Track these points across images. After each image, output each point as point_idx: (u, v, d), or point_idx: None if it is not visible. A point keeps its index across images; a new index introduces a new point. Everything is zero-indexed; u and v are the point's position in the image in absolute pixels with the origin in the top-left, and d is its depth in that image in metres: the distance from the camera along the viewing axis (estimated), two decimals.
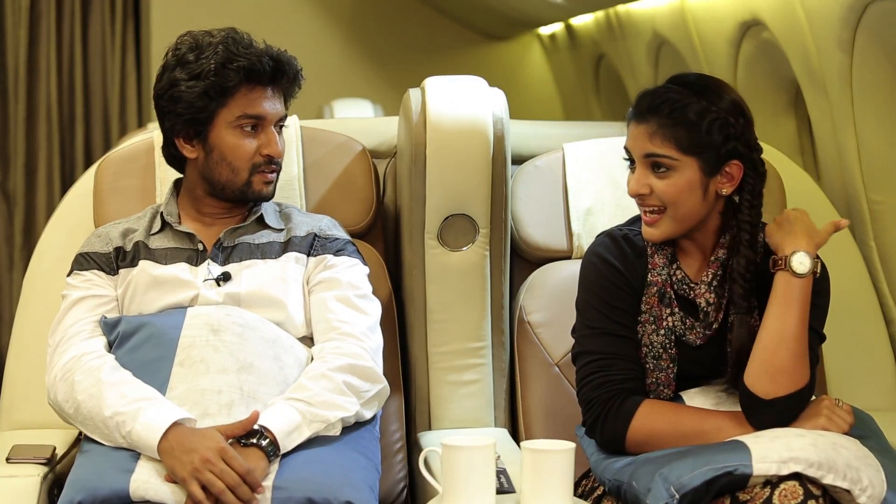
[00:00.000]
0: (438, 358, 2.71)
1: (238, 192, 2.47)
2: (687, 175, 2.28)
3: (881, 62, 2.76)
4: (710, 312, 2.32)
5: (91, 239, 2.52)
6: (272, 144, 2.45)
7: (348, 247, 2.52)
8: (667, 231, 2.32)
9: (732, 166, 2.29)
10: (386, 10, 6.75)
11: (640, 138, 2.30)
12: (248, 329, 2.38)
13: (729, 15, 3.47)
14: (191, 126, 2.44)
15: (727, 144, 2.27)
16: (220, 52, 2.40)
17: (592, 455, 2.34)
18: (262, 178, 2.46)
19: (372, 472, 2.34)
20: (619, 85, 5.24)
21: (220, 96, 2.41)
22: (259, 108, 2.44)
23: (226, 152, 2.44)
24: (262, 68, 2.42)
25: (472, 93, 2.68)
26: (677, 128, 2.27)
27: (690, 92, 2.29)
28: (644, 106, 2.30)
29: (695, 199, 2.29)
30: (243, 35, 2.46)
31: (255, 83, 2.43)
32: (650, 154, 2.29)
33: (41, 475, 2.40)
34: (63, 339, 2.40)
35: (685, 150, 2.27)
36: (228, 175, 2.45)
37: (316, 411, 2.30)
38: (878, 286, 2.91)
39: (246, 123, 2.44)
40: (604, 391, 2.30)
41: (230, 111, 2.42)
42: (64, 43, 6.39)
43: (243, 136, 2.44)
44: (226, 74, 2.40)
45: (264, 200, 2.50)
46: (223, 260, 2.47)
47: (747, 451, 2.10)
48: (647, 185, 2.30)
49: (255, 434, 2.25)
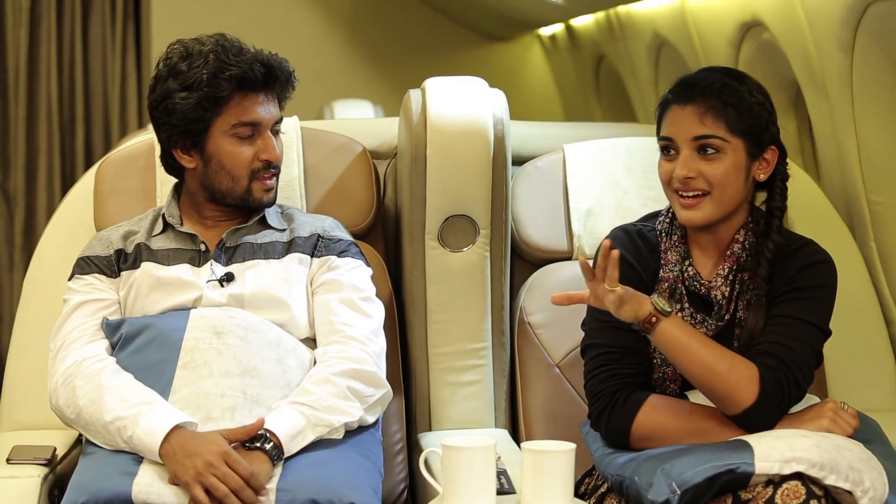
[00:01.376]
0: (439, 359, 2.71)
1: (239, 200, 2.47)
2: (734, 158, 2.31)
3: (881, 63, 2.77)
4: (723, 305, 2.33)
5: (92, 242, 2.52)
6: (269, 149, 2.45)
7: (352, 248, 2.52)
8: (709, 214, 2.32)
9: (770, 152, 2.34)
10: (386, 11, 6.74)
11: (688, 121, 2.31)
12: (251, 332, 2.38)
13: (729, 16, 3.47)
14: (187, 137, 2.44)
15: (770, 128, 2.32)
16: (212, 60, 2.40)
17: (597, 450, 2.34)
18: (261, 185, 2.46)
19: (374, 475, 2.34)
20: (620, 86, 5.23)
21: (213, 106, 2.41)
22: (254, 114, 2.43)
23: (224, 161, 2.44)
24: (254, 75, 2.41)
25: (473, 94, 2.68)
26: (728, 108, 2.29)
27: (731, 77, 2.33)
28: (689, 90, 2.32)
29: (739, 182, 2.32)
30: (233, 41, 2.45)
31: (247, 90, 2.42)
32: (700, 136, 2.30)
33: (41, 476, 2.39)
34: (64, 343, 2.40)
35: (734, 132, 2.29)
36: (228, 183, 2.45)
37: (320, 415, 2.30)
38: (878, 287, 2.91)
39: (242, 132, 2.43)
40: (611, 384, 2.31)
41: (225, 120, 2.42)
42: (64, 44, 6.39)
43: (240, 144, 2.44)
44: (218, 84, 2.39)
45: (266, 207, 2.50)
46: (226, 260, 2.47)
47: (750, 450, 2.10)
48: (696, 170, 2.31)
49: (259, 438, 2.25)
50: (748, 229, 2.36)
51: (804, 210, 2.89)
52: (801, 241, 2.38)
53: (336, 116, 5.39)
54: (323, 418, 2.30)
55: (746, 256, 2.34)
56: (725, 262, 2.35)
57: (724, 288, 2.34)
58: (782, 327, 2.28)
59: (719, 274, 2.35)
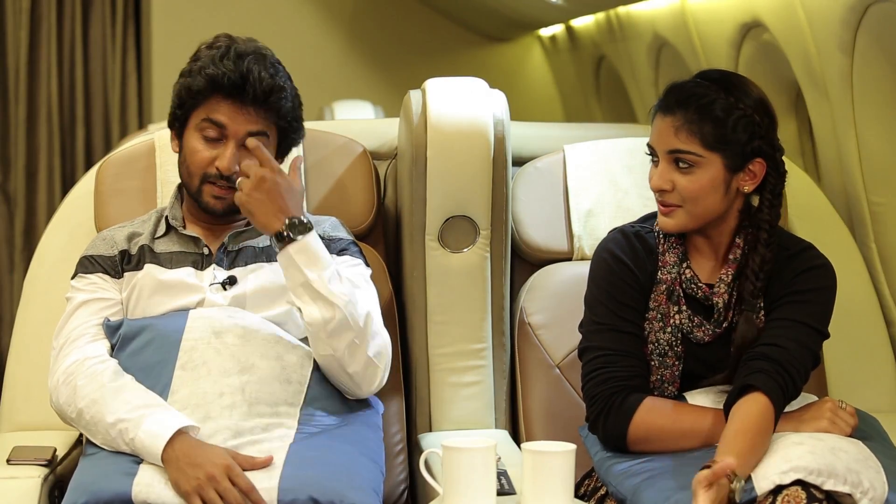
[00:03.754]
0: (439, 359, 2.71)
1: (195, 200, 2.47)
2: (710, 172, 2.28)
3: (882, 64, 2.77)
4: (722, 312, 2.33)
5: (96, 242, 2.52)
6: (223, 158, 2.41)
7: (351, 247, 2.52)
8: (681, 223, 2.32)
9: (756, 164, 2.30)
10: (386, 12, 6.74)
11: (665, 133, 2.30)
12: (250, 331, 2.38)
13: (729, 16, 3.47)
14: (175, 120, 2.48)
15: (752, 142, 2.28)
16: (208, 56, 2.43)
17: (596, 454, 2.34)
18: (211, 190, 2.44)
19: (376, 475, 2.34)
20: (620, 86, 5.23)
21: (190, 97, 2.43)
22: (219, 115, 2.42)
23: (186, 154, 2.46)
24: (223, 80, 2.40)
25: (473, 94, 2.68)
26: (704, 123, 2.27)
27: (718, 87, 2.29)
28: (671, 100, 2.30)
29: (716, 196, 2.30)
30: (248, 48, 2.44)
31: (220, 93, 2.42)
32: (674, 150, 2.29)
33: (42, 477, 2.39)
34: (66, 342, 2.40)
35: (710, 147, 2.27)
36: (186, 178, 2.47)
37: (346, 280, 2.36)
38: (878, 288, 2.91)
39: (207, 128, 2.43)
40: (607, 387, 2.30)
41: (198, 114, 2.44)
42: (65, 45, 6.39)
43: (203, 143, 2.43)
44: (197, 78, 2.42)
45: (214, 215, 2.48)
46: (228, 264, 2.47)
47: (748, 476, 2.10)
48: (670, 181, 2.30)
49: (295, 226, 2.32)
50: (748, 233, 2.35)
51: (804, 211, 2.89)
52: (800, 244, 2.38)
53: (336, 117, 5.38)
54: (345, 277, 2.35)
55: (747, 262, 2.34)
56: (729, 268, 2.34)
57: (726, 295, 2.33)
58: (779, 330, 2.28)
59: (722, 280, 2.34)
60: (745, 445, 2.12)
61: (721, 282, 2.34)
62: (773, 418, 2.18)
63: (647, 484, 2.19)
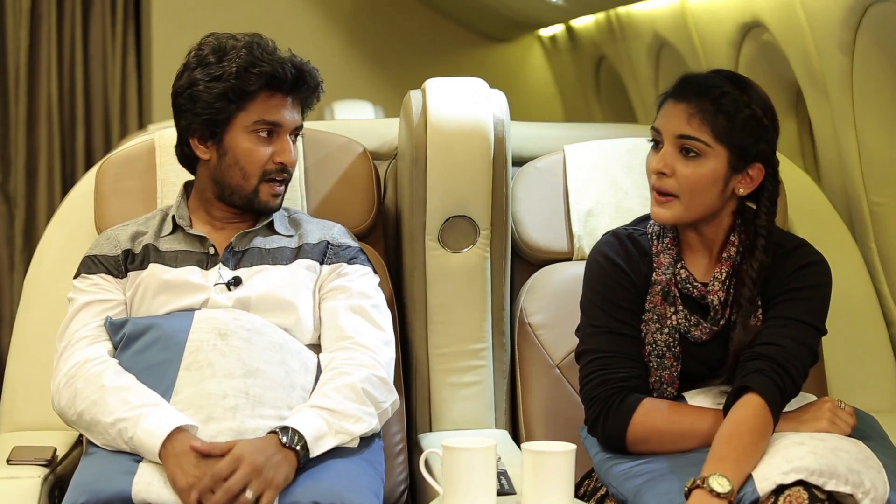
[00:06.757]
0: (439, 360, 2.71)
1: (245, 200, 2.47)
2: (714, 164, 2.28)
3: (882, 64, 2.77)
4: (719, 310, 2.33)
5: (99, 241, 2.51)
6: (286, 153, 2.45)
7: (360, 255, 2.53)
8: (677, 214, 2.31)
9: (755, 168, 2.30)
10: (386, 12, 6.75)
11: (677, 118, 2.29)
12: (255, 333, 2.38)
13: (730, 16, 3.47)
14: (207, 127, 2.44)
15: (758, 144, 2.29)
16: (244, 55, 2.41)
17: (595, 455, 2.34)
18: (270, 188, 2.46)
19: (376, 479, 2.34)
20: (620, 86, 5.23)
21: (239, 100, 2.41)
22: (277, 115, 2.44)
23: (239, 156, 2.44)
24: (284, 75, 2.42)
25: (473, 94, 2.68)
26: (718, 114, 2.27)
27: (733, 84, 2.30)
28: (687, 87, 2.30)
29: (713, 191, 2.30)
30: (268, 41, 2.46)
31: (275, 90, 2.43)
32: (684, 136, 2.29)
33: (42, 477, 2.40)
34: (68, 344, 2.39)
35: (719, 139, 2.27)
36: (239, 180, 2.45)
37: (341, 423, 2.29)
38: (878, 288, 2.91)
39: (262, 129, 2.44)
40: (605, 389, 2.30)
41: (248, 115, 2.43)
42: (65, 44, 6.39)
43: (258, 142, 2.44)
44: (247, 78, 2.40)
45: (271, 212, 2.50)
46: (234, 264, 2.47)
47: (749, 477, 2.10)
48: (671, 166, 2.30)
49: (287, 431, 2.24)
50: (741, 231, 2.35)
51: (804, 211, 2.89)
52: (794, 242, 2.38)
53: (336, 117, 5.39)
54: (344, 426, 2.29)
55: (741, 260, 2.34)
56: (723, 266, 2.34)
57: (721, 293, 2.33)
58: (776, 328, 2.27)
59: (716, 278, 2.34)
60: (735, 450, 2.12)
61: (716, 280, 2.34)
62: (769, 419, 2.18)
63: (648, 486, 2.19)
